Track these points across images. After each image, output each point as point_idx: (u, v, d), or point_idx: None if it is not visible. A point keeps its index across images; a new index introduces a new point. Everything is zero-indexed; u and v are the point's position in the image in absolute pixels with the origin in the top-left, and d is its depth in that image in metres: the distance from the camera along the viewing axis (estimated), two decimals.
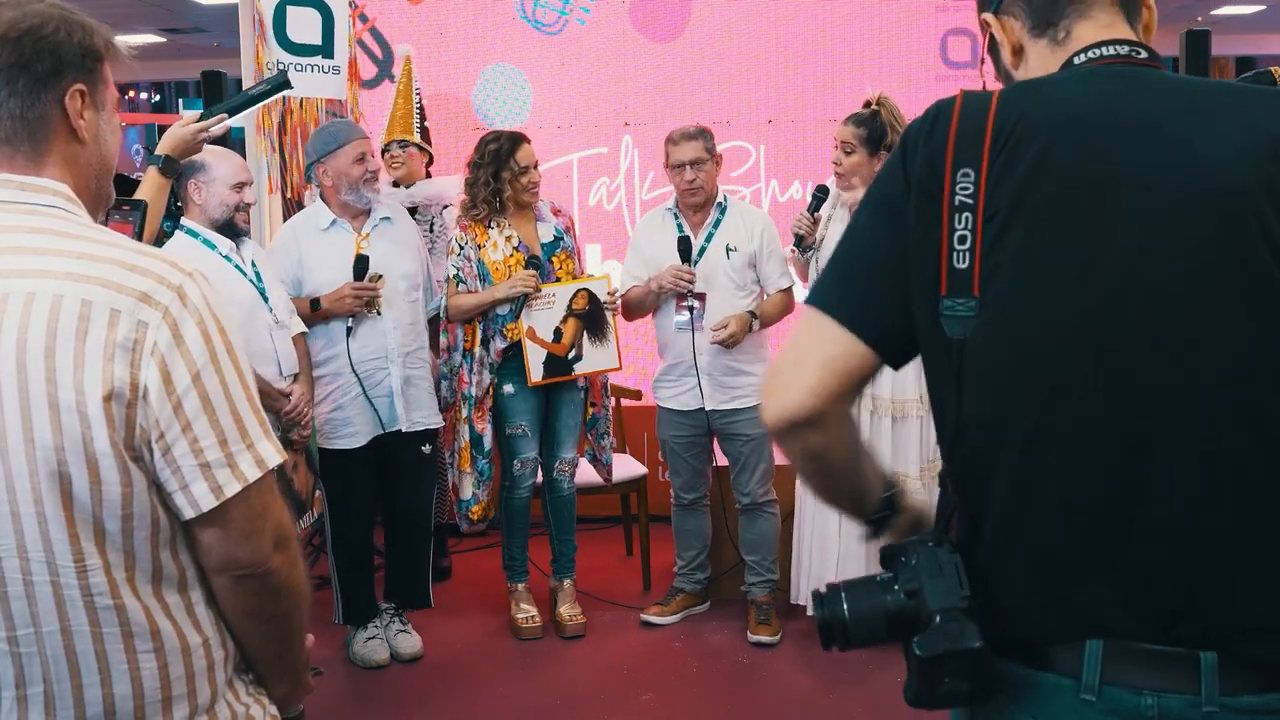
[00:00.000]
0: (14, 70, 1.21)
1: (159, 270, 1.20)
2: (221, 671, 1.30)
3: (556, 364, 3.76)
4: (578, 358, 3.78)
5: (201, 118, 2.80)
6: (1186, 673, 1.09)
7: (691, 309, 3.75)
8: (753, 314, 3.75)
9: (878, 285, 1.21)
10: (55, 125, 1.25)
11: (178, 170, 2.80)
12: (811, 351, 1.21)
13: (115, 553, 1.19)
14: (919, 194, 1.18)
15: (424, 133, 4.45)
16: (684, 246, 3.77)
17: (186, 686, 1.26)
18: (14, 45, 1.21)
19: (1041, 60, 1.27)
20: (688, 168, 3.75)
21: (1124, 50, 1.22)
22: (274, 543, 1.27)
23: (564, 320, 3.76)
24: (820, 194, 3.72)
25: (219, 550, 1.24)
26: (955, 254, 1.16)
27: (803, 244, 3.70)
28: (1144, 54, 1.23)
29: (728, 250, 3.79)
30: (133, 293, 1.17)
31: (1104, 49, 1.23)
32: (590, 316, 3.79)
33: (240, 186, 3.26)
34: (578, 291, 3.77)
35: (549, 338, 3.74)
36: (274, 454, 1.25)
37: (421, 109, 4.46)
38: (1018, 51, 1.28)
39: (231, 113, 2.88)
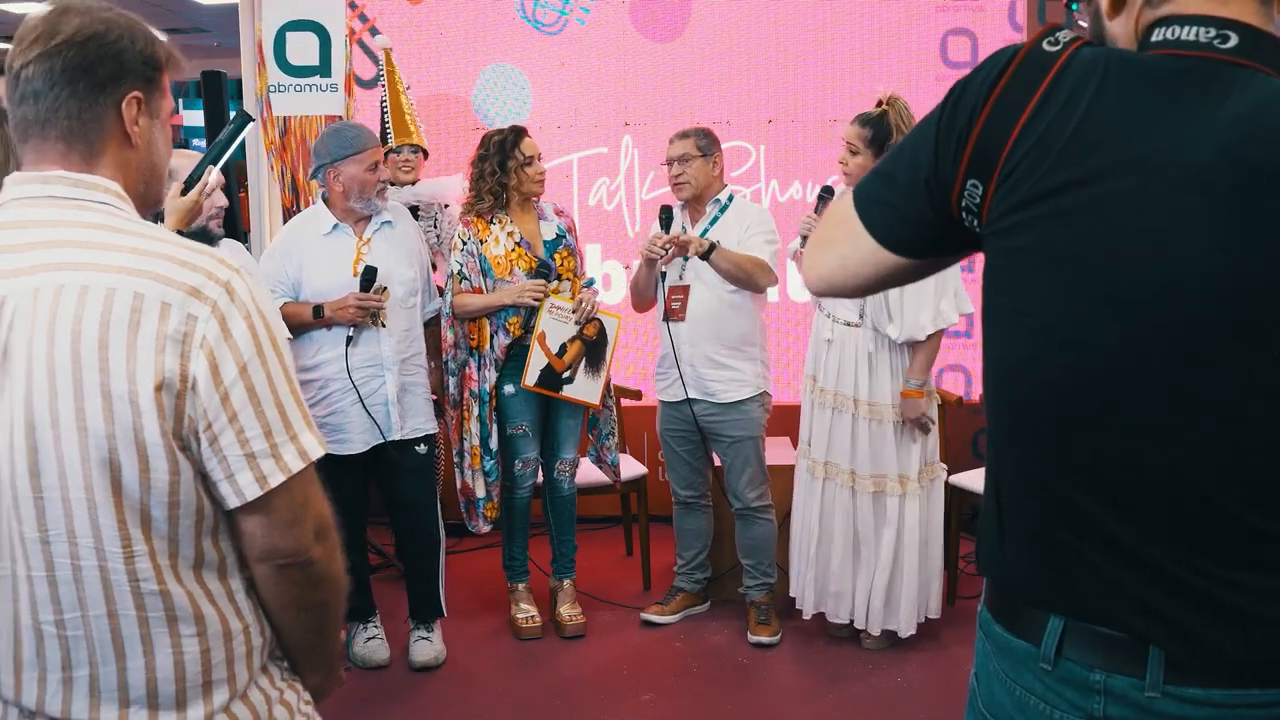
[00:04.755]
0: (76, 72, 1.25)
1: (208, 266, 1.23)
2: (259, 657, 1.34)
3: (550, 377, 3.78)
4: (569, 380, 3.80)
5: (188, 181, 2.82)
6: (1135, 658, 1.13)
7: (664, 275, 3.78)
8: (713, 244, 3.68)
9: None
10: (110, 129, 1.28)
11: None
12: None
13: (160, 539, 1.23)
14: (940, 163, 1.21)
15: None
16: (665, 215, 3.81)
17: (226, 671, 1.30)
18: (79, 48, 1.25)
19: (1132, 13, 1.17)
20: (674, 163, 3.82)
21: (1208, 35, 1.10)
22: (315, 532, 1.31)
23: (572, 340, 3.79)
24: (825, 194, 3.71)
25: (262, 539, 1.27)
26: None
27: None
28: (1233, 41, 1.09)
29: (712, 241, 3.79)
30: (183, 287, 1.20)
31: (1184, 30, 1.11)
32: (595, 347, 3.83)
33: (213, 190, 3.25)
34: (592, 320, 3.80)
35: (555, 350, 3.76)
36: (316, 445, 1.29)
37: (411, 107, 4.49)
38: (1118, 4, 1.19)
39: (214, 162, 2.91)
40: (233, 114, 3.24)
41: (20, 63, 1.25)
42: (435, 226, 4.32)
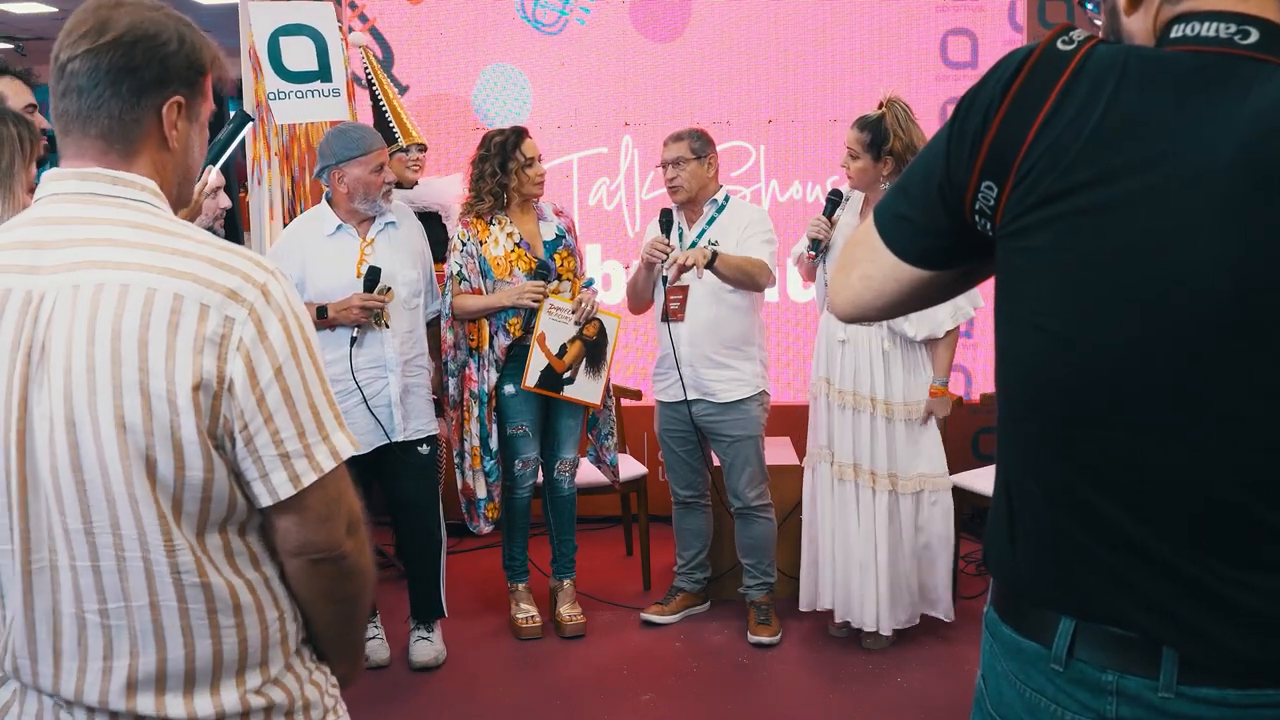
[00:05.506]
0: (121, 73, 1.26)
1: (245, 268, 1.25)
2: (293, 642, 1.37)
3: (551, 377, 3.77)
4: (570, 380, 3.80)
5: None
6: (1148, 659, 1.13)
7: (665, 278, 3.76)
8: (715, 252, 3.65)
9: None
10: (149, 131, 1.30)
11: None
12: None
13: (192, 533, 1.25)
14: (951, 167, 1.20)
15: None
16: (665, 219, 3.81)
17: (261, 656, 1.33)
18: (126, 49, 1.26)
19: (1150, 9, 1.17)
20: (669, 167, 3.81)
21: (1228, 31, 1.09)
22: (347, 528, 1.33)
23: (572, 340, 3.78)
24: (834, 198, 3.70)
25: (296, 535, 1.30)
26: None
27: (819, 246, 3.68)
28: (1254, 36, 1.08)
29: (710, 245, 3.78)
30: (221, 289, 1.22)
31: (1204, 26, 1.10)
32: (595, 347, 3.82)
33: (216, 191, 3.25)
34: (592, 320, 3.80)
35: (555, 350, 3.76)
36: (347, 445, 1.31)
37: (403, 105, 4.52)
38: (1135, 1, 1.18)
39: (214, 162, 2.90)
40: (232, 113, 3.23)
41: (67, 56, 1.26)
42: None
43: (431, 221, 4.26)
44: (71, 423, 1.20)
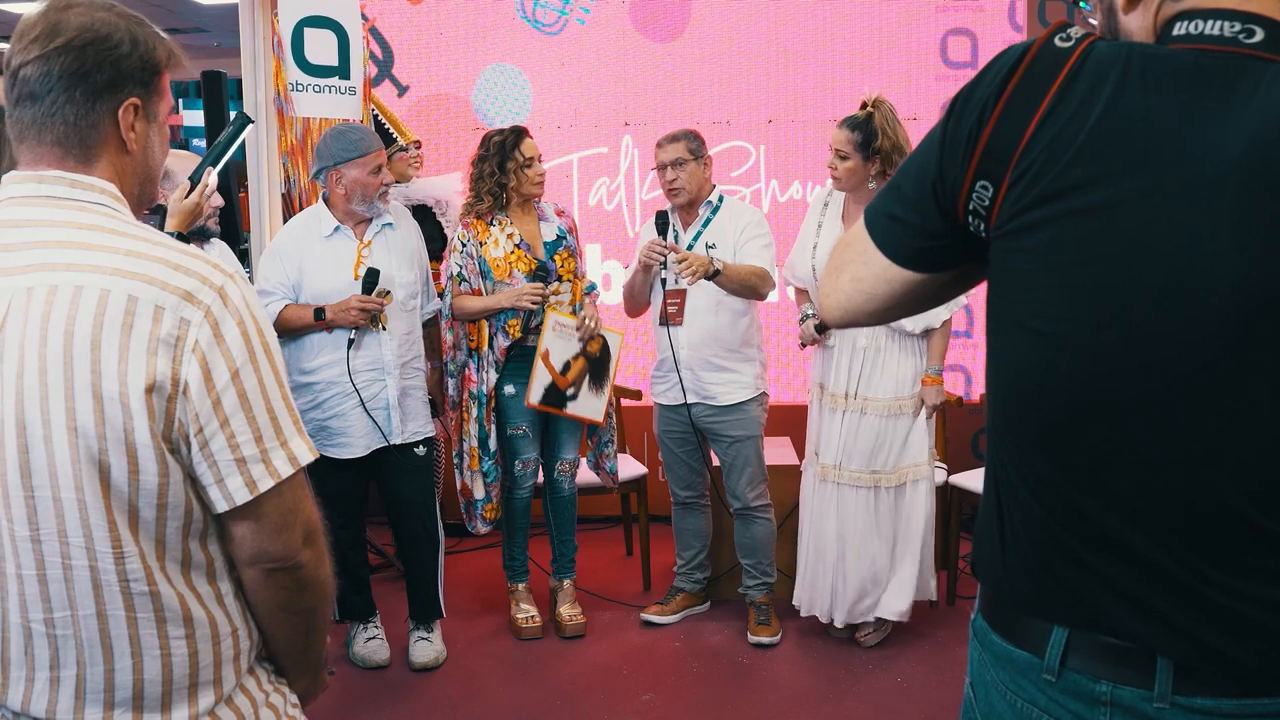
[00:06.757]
0: (73, 78, 1.24)
1: (202, 270, 1.23)
2: (246, 660, 1.35)
3: (554, 394, 3.77)
4: (573, 397, 3.80)
5: (190, 181, 2.84)
6: (1143, 669, 1.11)
7: (664, 280, 3.78)
8: (716, 270, 3.61)
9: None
10: (105, 135, 1.28)
11: (187, 243, 2.82)
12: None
13: (148, 540, 1.23)
14: (946, 165, 1.19)
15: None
16: (661, 221, 3.80)
17: (214, 673, 1.30)
18: (77, 53, 1.24)
19: (1150, 7, 1.15)
20: (668, 169, 3.79)
21: (1233, 30, 1.07)
22: (304, 537, 1.31)
23: (576, 356, 3.78)
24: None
25: (251, 543, 1.28)
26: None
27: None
28: (1259, 35, 1.06)
29: (707, 247, 3.77)
30: (177, 291, 1.20)
31: (1208, 24, 1.08)
32: (598, 363, 3.83)
33: (212, 192, 3.24)
34: (595, 337, 3.80)
35: (559, 367, 3.76)
36: (306, 451, 1.29)
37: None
38: None
39: (214, 164, 2.90)
40: (233, 115, 3.23)
41: (19, 61, 1.24)
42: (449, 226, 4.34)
43: (425, 216, 4.25)
44: (22, 425, 1.18)
